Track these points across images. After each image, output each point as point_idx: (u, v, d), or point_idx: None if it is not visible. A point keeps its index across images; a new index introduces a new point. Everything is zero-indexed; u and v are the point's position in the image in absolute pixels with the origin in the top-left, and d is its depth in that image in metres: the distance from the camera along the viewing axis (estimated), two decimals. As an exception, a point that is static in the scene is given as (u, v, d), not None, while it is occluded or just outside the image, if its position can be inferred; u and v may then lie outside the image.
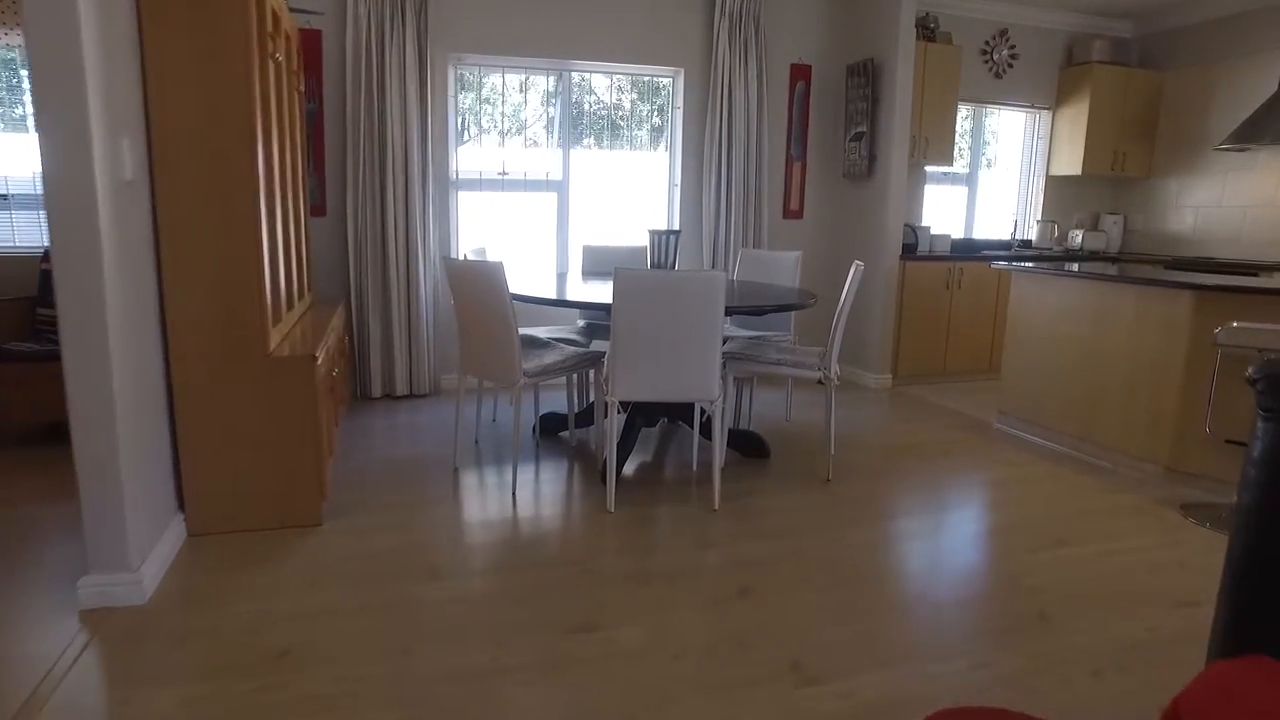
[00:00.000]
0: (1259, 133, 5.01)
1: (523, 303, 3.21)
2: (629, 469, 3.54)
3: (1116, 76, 5.82)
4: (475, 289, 3.13)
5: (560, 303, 3.10)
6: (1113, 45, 5.81)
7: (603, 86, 5.09)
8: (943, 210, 6.02)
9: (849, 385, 5.32)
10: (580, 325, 4.24)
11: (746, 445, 3.69)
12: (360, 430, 4.04)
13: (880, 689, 1.92)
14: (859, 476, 3.48)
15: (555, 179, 5.04)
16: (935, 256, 5.32)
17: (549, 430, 4.01)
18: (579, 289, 3.59)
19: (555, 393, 4.90)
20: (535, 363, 3.22)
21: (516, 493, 3.20)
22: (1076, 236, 6.12)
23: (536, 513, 3.01)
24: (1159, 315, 3.45)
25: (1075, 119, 5.91)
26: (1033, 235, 6.20)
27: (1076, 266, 4.24)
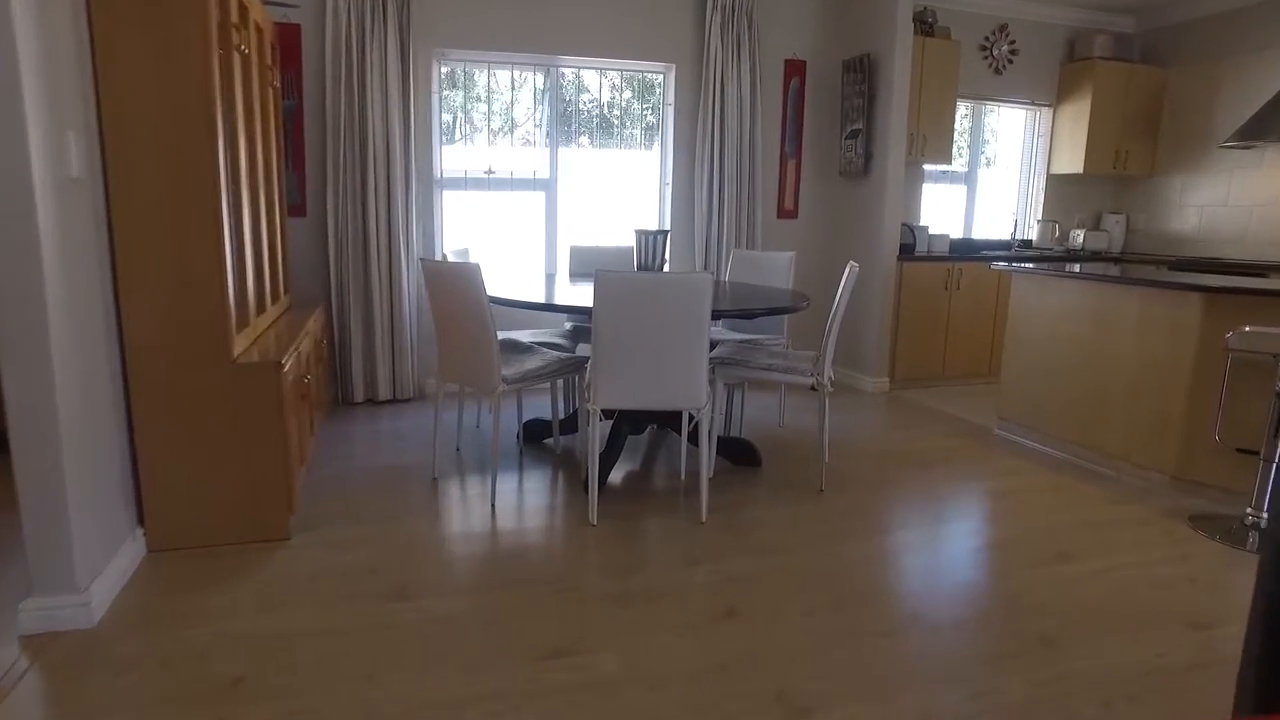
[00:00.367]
0: (1266, 130, 4.88)
1: (502, 306, 3.08)
2: (615, 477, 3.41)
3: (1119, 73, 5.69)
4: (452, 292, 2.99)
5: (538, 306, 2.97)
6: (1115, 40, 5.68)
7: (595, 84, 4.95)
8: (941, 210, 5.89)
9: (844, 389, 5.19)
10: (566, 328, 4.11)
11: (737, 453, 3.56)
12: (339, 437, 3.91)
13: (872, 722, 1.79)
14: (853, 486, 3.35)
15: (543, 178, 4.91)
16: (933, 257, 5.19)
17: (533, 437, 3.88)
18: (563, 291, 3.46)
19: (540, 397, 4.77)
20: (516, 368, 3.09)
21: (496, 505, 3.07)
22: (1078, 236, 5.99)
23: (515, 526, 2.88)
24: (1166, 318, 3.32)
25: (1077, 116, 5.78)
26: (1033, 235, 6.07)
27: (1079, 267, 4.12)
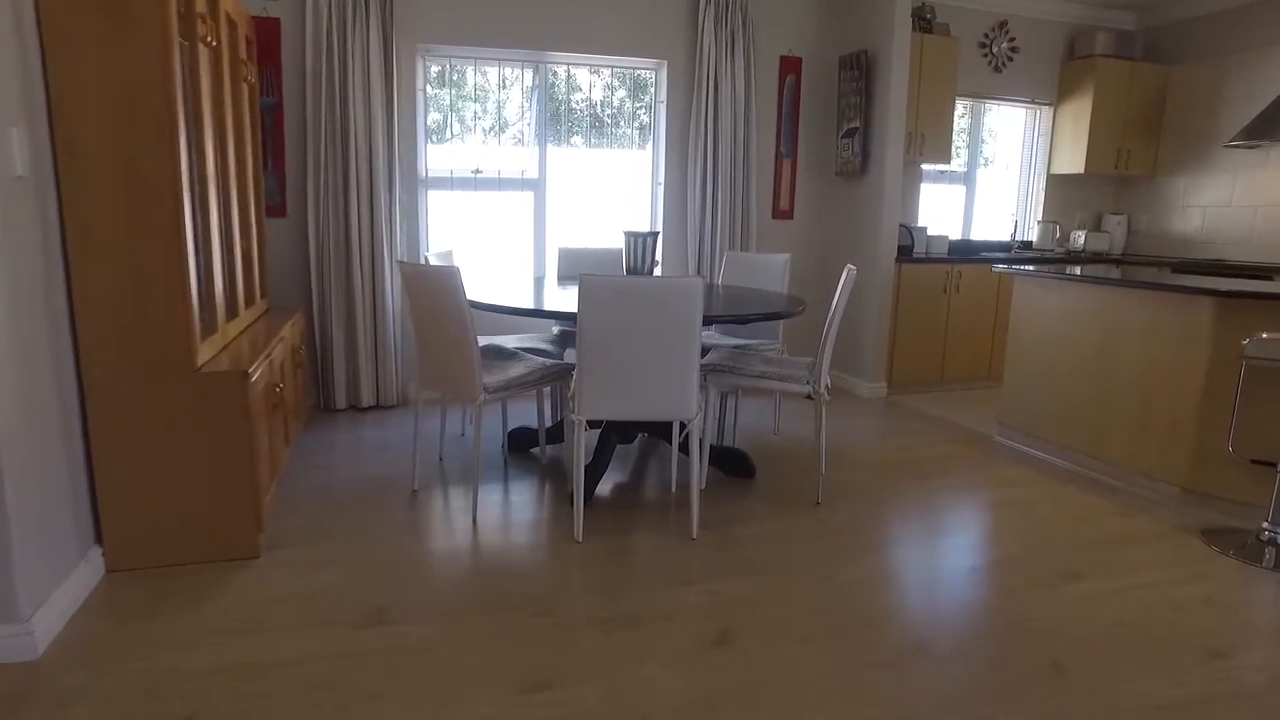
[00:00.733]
0: (1272, 129, 4.76)
1: (484, 311, 2.94)
2: (604, 488, 3.28)
3: (1121, 71, 5.57)
4: (431, 296, 2.86)
5: (521, 311, 2.83)
6: (1116, 38, 5.56)
7: (587, 82, 4.82)
8: (940, 210, 5.76)
9: (841, 394, 5.06)
10: (554, 333, 3.97)
11: (730, 463, 3.43)
12: (318, 446, 3.77)
13: (873, 765, 1.66)
14: (851, 499, 3.22)
15: (531, 177, 4.78)
16: (932, 259, 5.06)
17: (519, 446, 3.74)
18: (550, 295, 3.33)
19: (527, 404, 4.63)
20: (499, 376, 2.95)
21: (478, 519, 2.93)
22: (1079, 237, 5.87)
23: (497, 542, 2.74)
24: (1176, 323, 3.19)
25: (1077, 115, 5.66)
26: (1033, 236, 5.95)
27: (1079, 270, 3.99)
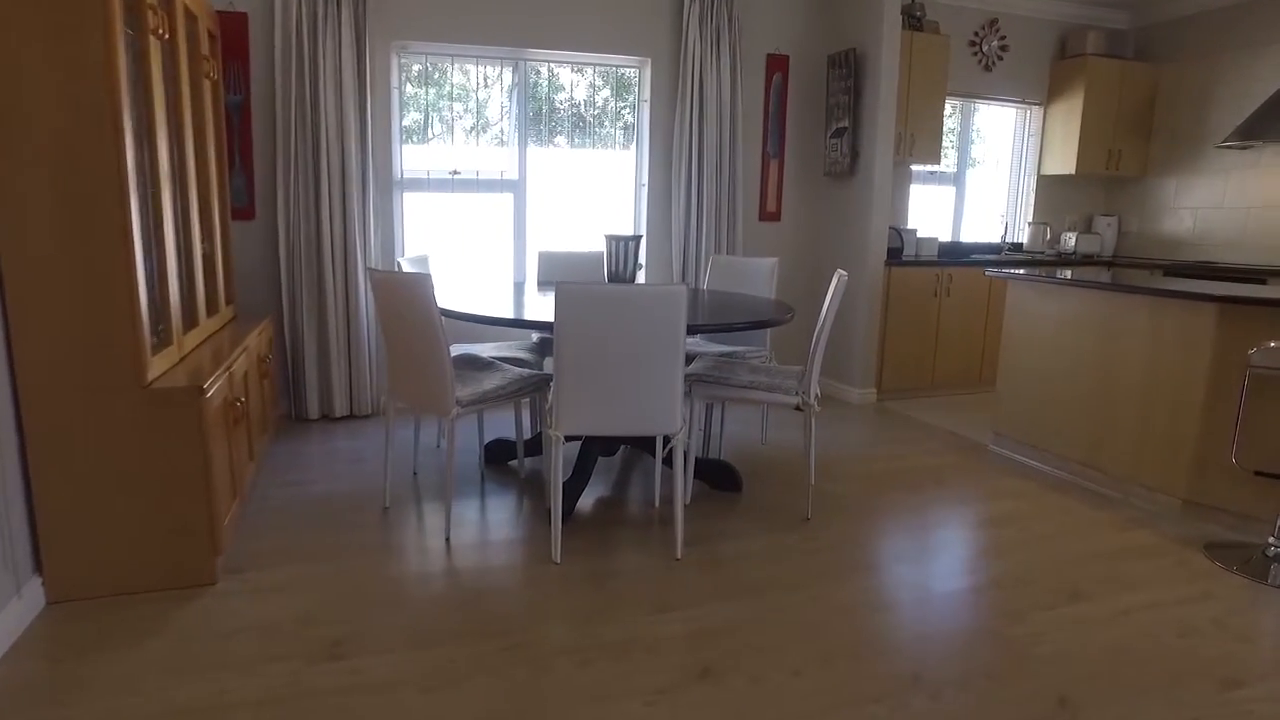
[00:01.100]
0: (1265, 129, 4.68)
1: (456, 320, 2.79)
2: (585, 503, 3.14)
3: (1112, 70, 5.48)
4: (400, 305, 2.71)
5: (493, 320, 2.68)
6: (1108, 37, 5.47)
7: (570, 81, 4.67)
8: (929, 211, 5.66)
9: (830, 401, 4.94)
10: (533, 340, 3.83)
11: (716, 476, 3.30)
12: (288, 459, 3.61)
13: (871, 817, 1.53)
14: (842, 513, 3.09)
15: (511, 178, 4.63)
16: (922, 261, 4.95)
17: (497, 459, 3.59)
18: (529, 301, 3.19)
19: (506, 413, 4.48)
20: (472, 389, 2.80)
21: (451, 539, 2.78)
22: (1070, 239, 5.78)
23: (471, 564, 2.59)
24: (1177, 330, 3.08)
25: (1068, 115, 5.57)
26: (1024, 238, 5.86)
27: (1070, 273, 3.89)
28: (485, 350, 3.51)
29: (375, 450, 3.75)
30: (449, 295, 3.25)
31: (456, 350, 3.48)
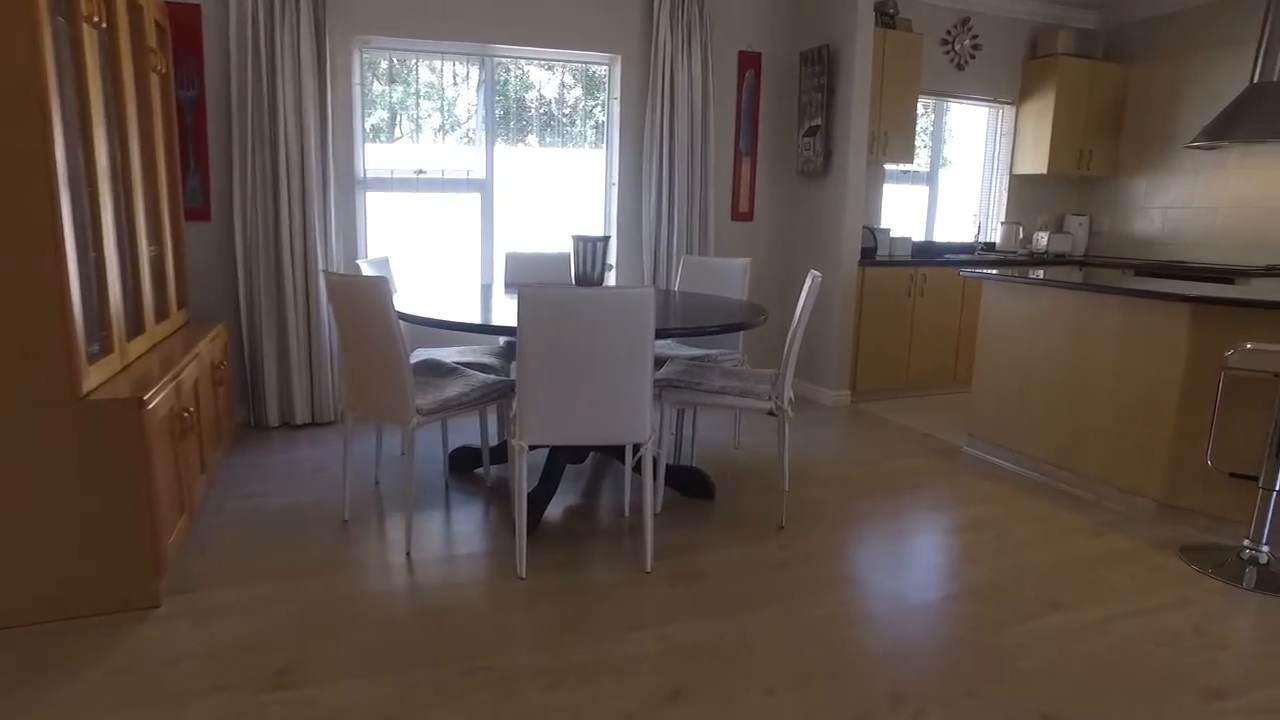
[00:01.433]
0: (1231, 130, 4.68)
1: (417, 325, 2.68)
2: (553, 512, 3.04)
3: (1082, 70, 5.48)
4: (355, 309, 2.59)
5: (454, 325, 2.57)
6: (1078, 37, 5.47)
7: (539, 78, 4.57)
8: (902, 211, 5.62)
9: (804, 403, 4.88)
10: (500, 344, 3.72)
11: (688, 484, 3.21)
12: (244, 470, 3.46)
13: None
14: (817, 521, 3.02)
15: (478, 178, 4.51)
16: (896, 261, 4.90)
17: (462, 466, 3.48)
18: (497, 304, 3.08)
19: (471, 419, 4.37)
20: (434, 396, 2.69)
21: (412, 554, 2.67)
22: (1042, 239, 5.78)
23: (432, 580, 2.48)
24: (1150, 330, 3.05)
25: (1040, 114, 5.56)
26: (997, 237, 5.84)
27: (1043, 273, 3.86)
28: (449, 355, 3.40)
29: (337, 459, 3.62)
30: (411, 298, 3.14)
31: (420, 355, 3.36)
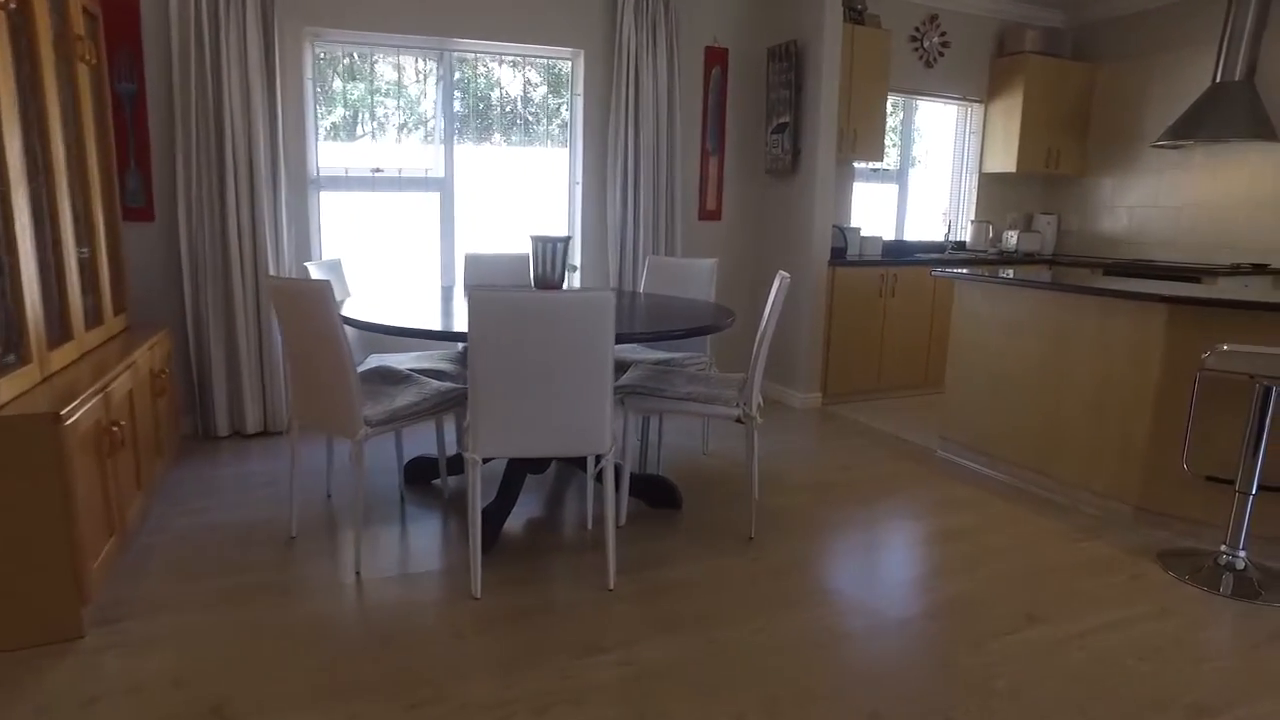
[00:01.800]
0: (1195, 129, 4.69)
1: (365, 330, 2.53)
2: (513, 524, 2.90)
3: (1050, 68, 5.45)
4: (298, 314, 2.44)
5: (400, 331, 2.42)
6: (1045, 35, 5.44)
7: (501, 74, 4.42)
8: (872, 210, 5.56)
9: (774, 406, 4.79)
10: (459, 350, 3.57)
11: (654, 494, 3.09)
12: (190, 484, 3.28)
13: None
14: (788, 531, 2.91)
15: (437, 176, 4.35)
16: (866, 261, 4.83)
17: (420, 478, 3.33)
18: (454, 308, 2.93)
19: (428, 426, 4.20)
20: (383, 407, 2.55)
21: (360, 574, 2.52)
22: (1011, 238, 5.75)
23: (381, 604, 2.33)
24: (1126, 331, 2.99)
25: (1009, 113, 5.52)
26: (967, 236, 5.80)
27: (1012, 272, 3.80)
28: (404, 361, 3.24)
29: (286, 472, 3.45)
30: (363, 302, 2.98)
31: (373, 361, 3.21)
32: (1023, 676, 2.00)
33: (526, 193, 4.58)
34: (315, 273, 3.13)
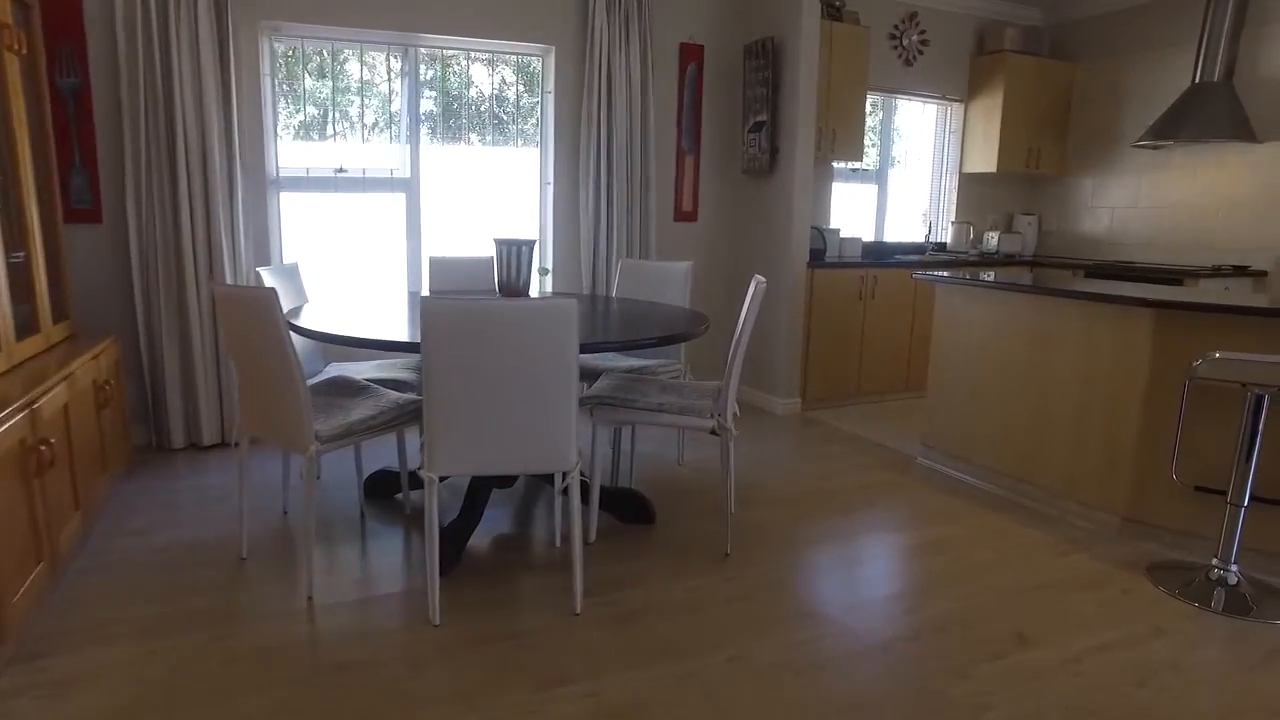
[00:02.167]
0: (1175, 129, 4.63)
1: (313, 340, 2.38)
2: (478, 542, 2.76)
3: (1029, 67, 5.38)
4: (244, 323, 2.28)
5: (349, 340, 2.27)
6: (1023, 34, 5.37)
7: (470, 71, 4.27)
8: (852, 211, 5.46)
9: (752, 412, 4.67)
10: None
11: (625, 508, 2.96)
12: (137, 501, 3.10)
13: None
14: (766, 547, 2.79)
15: (403, 176, 4.19)
16: (846, 263, 4.73)
17: (381, 492, 3.17)
18: (412, 316, 2.79)
19: (389, 439, 4.04)
20: (337, 420, 2.39)
21: (313, 599, 2.36)
22: (992, 239, 5.68)
23: (333, 631, 2.18)
24: (1112, 337, 2.90)
25: (989, 112, 5.45)
26: (947, 237, 5.72)
27: (993, 274, 3.71)
28: (364, 371, 3.09)
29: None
30: (320, 309, 2.83)
31: (332, 371, 3.05)
32: (1012, 708, 1.88)
33: (497, 193, 4.43)
34: (269, 279, 2.97)
